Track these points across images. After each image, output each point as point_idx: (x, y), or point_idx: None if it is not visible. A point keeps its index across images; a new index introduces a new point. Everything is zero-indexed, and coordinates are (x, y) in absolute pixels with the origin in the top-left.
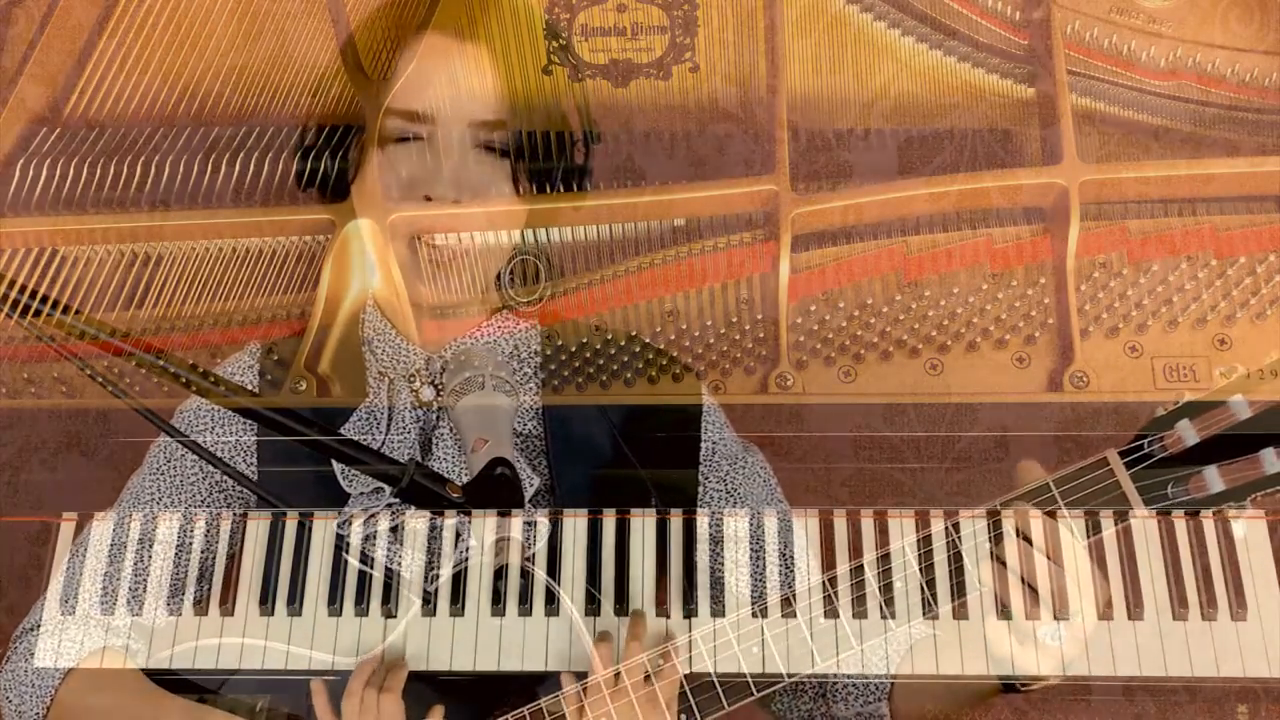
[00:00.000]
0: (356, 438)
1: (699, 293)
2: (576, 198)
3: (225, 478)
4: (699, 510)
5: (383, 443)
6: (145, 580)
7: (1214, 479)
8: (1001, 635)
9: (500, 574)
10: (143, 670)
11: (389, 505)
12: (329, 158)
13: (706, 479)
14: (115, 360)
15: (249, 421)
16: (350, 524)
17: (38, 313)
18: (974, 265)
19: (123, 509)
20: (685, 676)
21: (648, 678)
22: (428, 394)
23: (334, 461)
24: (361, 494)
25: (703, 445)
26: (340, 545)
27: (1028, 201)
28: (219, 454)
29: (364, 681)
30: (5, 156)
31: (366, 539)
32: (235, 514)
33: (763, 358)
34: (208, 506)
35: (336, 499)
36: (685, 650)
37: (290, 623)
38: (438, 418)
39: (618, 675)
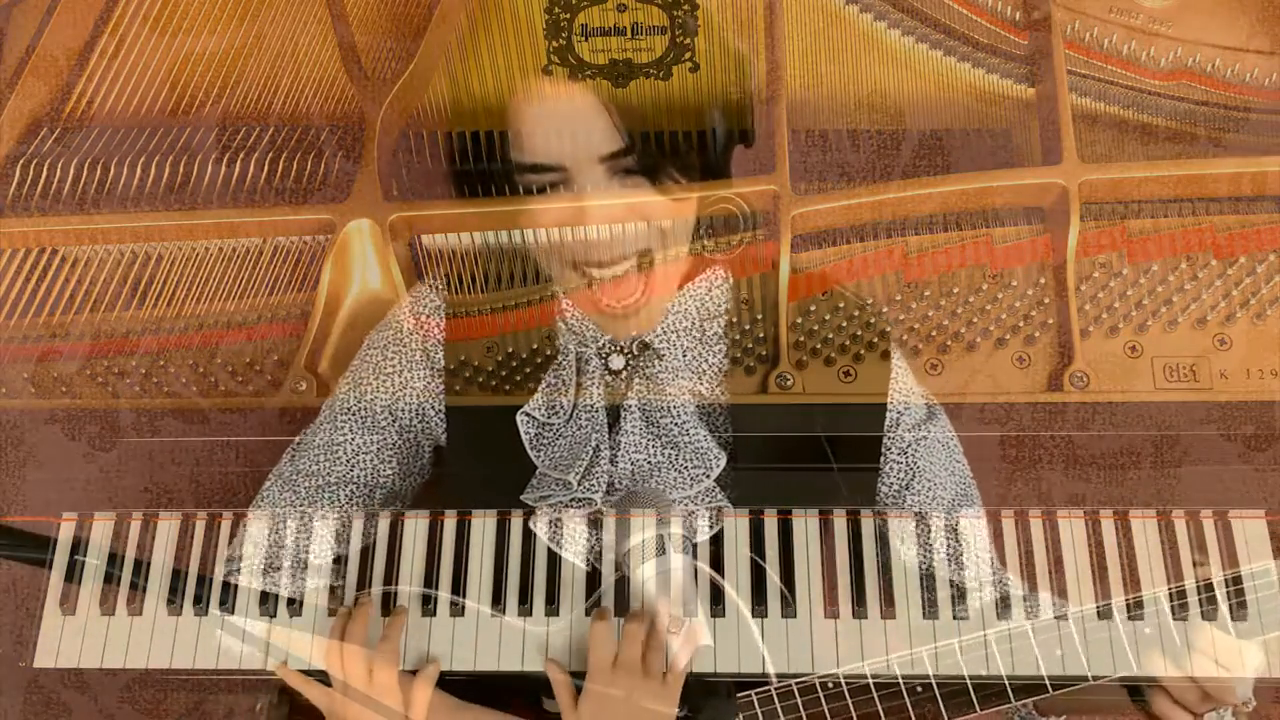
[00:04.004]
0: (544, 404)
1: None
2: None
3: (413, 420)
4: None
5: (571, 413)
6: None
7: None
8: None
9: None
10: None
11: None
12: (329, 158)
13: (888, 450)
14: (116, 360)
15: (438, 366)
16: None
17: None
18: (974, 265)
19: (308, 458)
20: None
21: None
22: (617, 363)
23: (523, 430)
24: (551, 472)
25: (888, 412)
26: (340, 542)
27: (1028, 201)
28: (408, 396)
29: (340, 632)
30: (6, 156)
31: (555, 529)
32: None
33: (762, 358)
34: (395, 451)
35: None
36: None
37: (291, 623)
38: (626, 388)
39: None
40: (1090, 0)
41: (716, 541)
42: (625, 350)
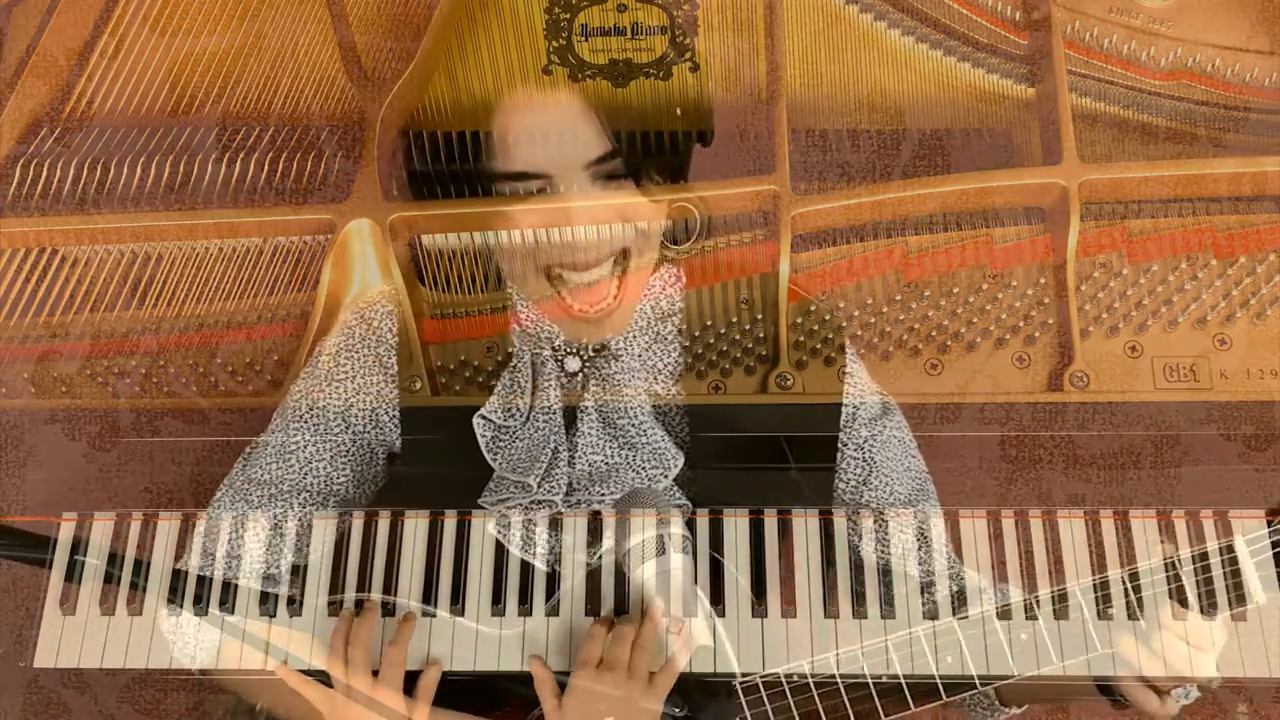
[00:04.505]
0: (500, 407)
1: (699, 293)
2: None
3: (366, 426)
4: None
5: (528, 415)
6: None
7: None
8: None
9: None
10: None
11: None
12: (329, 158)
13: (844, 445)
14: (116, 360)
15: (391, 371)
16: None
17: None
18: (974, 265)
19: (260, 465)
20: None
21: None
22: (573, 365)
23: (479, 433)
24: (507, 473)
25: (844, 409)
26: (341, 541)
27: (1028, 201)
28: (361, 402)
29: (344, 638)
30: (6, 156)
31: (515, 530)
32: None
33: (762, 358)
34: (349, 458)
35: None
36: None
37: (291, 623)
38: (582, 390)
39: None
40: (1090, 0)
41: (716, 542)
42: (581, 352)
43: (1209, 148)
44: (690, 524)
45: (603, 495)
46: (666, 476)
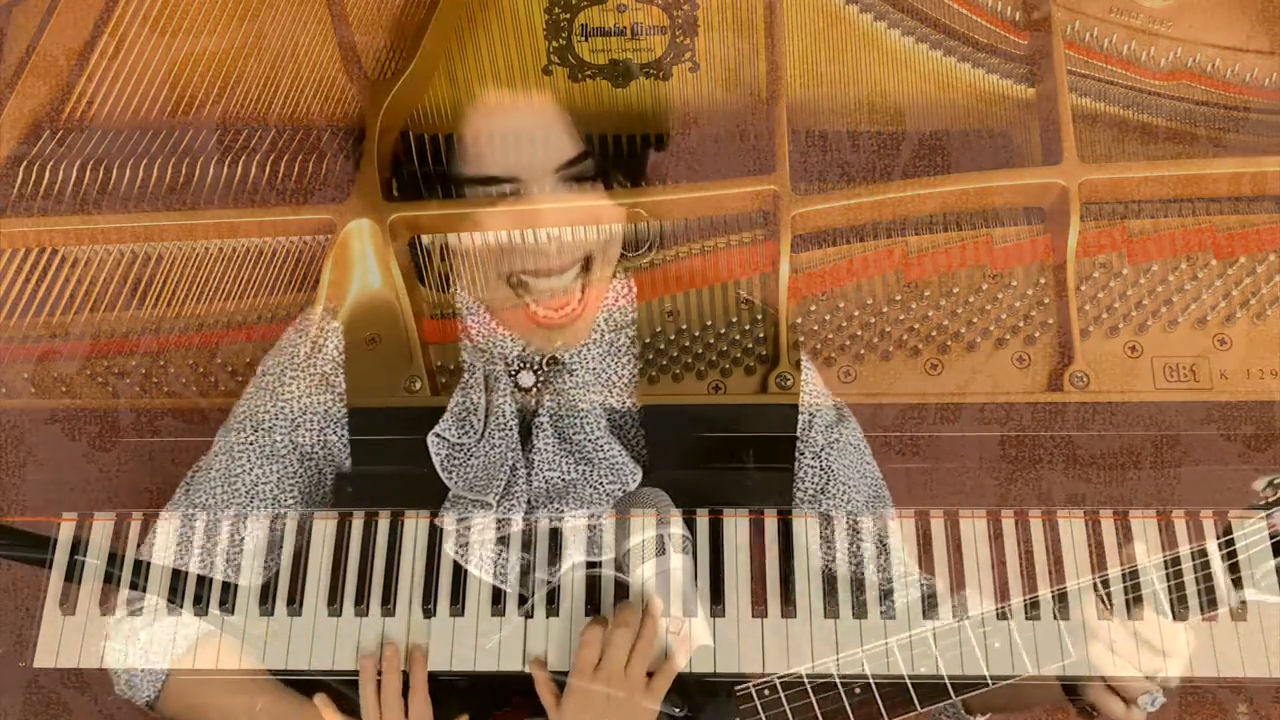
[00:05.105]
0: (454, 424)
1: (699, 293)
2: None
3: (315, 448)
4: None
5: (482, 433)
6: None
7: None
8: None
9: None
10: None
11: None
12: (329, 158)
13: (802, 454)
14: (116, 360)
15: (339, 390)
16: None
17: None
18: (974, 265)
19: (204, 490)
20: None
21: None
22: (527, 379)
23: (434, 452)
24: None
25: (800, 417)
26: (341, 541)
27: (1028, 201)
28: (309, 422)
29: (374, 689)
30: (6, 157)
31: (468, 541)
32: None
33: (763, 358)
34: (296, 480)
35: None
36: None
37: (290, 623)
38: (537, 405)
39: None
40: (1090, 0)
41: (716, 542)
42: (535, 366)
43: (1209, 148)
44: (690, 524)
45: (561, 511)
46: (625, 490)
